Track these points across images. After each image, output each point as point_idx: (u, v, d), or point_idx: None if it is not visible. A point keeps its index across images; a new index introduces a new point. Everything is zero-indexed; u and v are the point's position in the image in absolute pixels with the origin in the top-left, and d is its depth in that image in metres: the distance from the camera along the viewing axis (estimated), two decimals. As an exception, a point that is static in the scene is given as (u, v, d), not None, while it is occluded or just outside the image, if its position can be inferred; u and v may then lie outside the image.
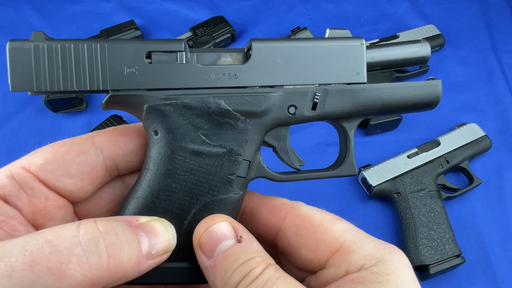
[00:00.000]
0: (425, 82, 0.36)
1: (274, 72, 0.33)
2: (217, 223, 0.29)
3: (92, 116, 1.04)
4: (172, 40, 0.33)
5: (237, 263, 0.27)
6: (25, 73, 0.30)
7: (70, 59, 0.30)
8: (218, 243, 0.29)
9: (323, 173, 0.36)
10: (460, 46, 1.15)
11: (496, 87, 1.07)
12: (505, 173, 0.95)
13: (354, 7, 1.23)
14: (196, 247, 0.30)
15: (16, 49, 0.30)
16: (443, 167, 0.91)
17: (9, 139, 1.01)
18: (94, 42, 0.31)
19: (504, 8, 1.22)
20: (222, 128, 0.33)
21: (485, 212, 0.91)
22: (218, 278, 0.28)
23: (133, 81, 0.31)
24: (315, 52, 0.34)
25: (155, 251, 0.27)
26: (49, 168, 0.30)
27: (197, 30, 1.13)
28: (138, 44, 0.31)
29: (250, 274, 0.27)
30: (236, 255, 0.28)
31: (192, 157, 0.32)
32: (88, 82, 0.31)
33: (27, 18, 1.21)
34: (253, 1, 1.25)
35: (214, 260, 0.28)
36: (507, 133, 1.00)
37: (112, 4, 1.24)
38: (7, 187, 0.29)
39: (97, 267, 0.23)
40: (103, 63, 0.31)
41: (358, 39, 0.36)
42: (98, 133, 0.33)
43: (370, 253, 0.29)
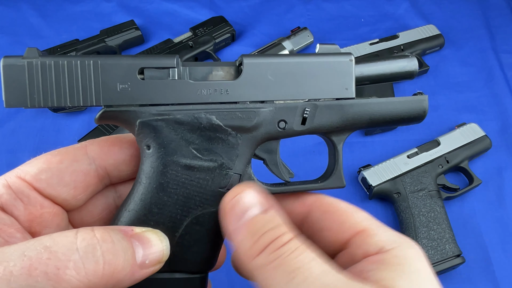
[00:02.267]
0: (412, 98, 0.36)
1: (265, 88, 0.33)
2: (245, 191, 0.30)
3: (92, 116, 1.04)
4: (164, 56, 0.33)
5: (264, 229, 0.28)
6: (19, 89, 0.31)
7: (64, 75, 0.31)
8: (245, 210, 0.29)
9: (312, 185, 0.37)
10: (460, 46, 1.15)
11: (496, 87, 1.07)
12: (505, 173, 0.95)
13: (354, 7, 1.23)
14: (222, 213, 0.30)
15: (10, 66, 0.30)
16: (443, 167, 0.91)
17: (9, 139, 1.01)
18: (87, 59, 0.31)
19: (504, 8, 1.22)
20: (213, 142, 0.33)
21: (485, 212, 0.91)
22: (243, 241, 0.28)
23: (126, 97, 0.32)
24: (305, 68, 0.34)
25: (149, 261, 0.28)
26: (43, 177, 0.31)
27: (197, 30, 1.13)
28: (131, 60, 0.32)
29: (278, 240, 0.27)
30: (263, 221, 0.29)
31: (183, 171, 0.33)
32: (82, 98, 0.31)
33: (27, 18, 1.21)
34: (253, 1, 1.25)
35: (240, 225, 0.29)
36: (507, 133, 1.00)
37: (112, 4, 1.24)
38: (3, 196, 0.30)
39: (93, 273, 0.24)
40: (96, 79, 0.31)
41: (347, 55, 0.36)
42: (91, 142, 0.34)
43: (389, 239, 0.30)
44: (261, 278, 0.28)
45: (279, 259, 0.27)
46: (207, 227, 0.34)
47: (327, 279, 0.26)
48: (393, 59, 0.37)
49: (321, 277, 0.26)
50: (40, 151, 1.14)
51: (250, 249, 0.28)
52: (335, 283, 0.26)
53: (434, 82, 1.09)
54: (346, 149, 0.98)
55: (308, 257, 0.27)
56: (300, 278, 0.26)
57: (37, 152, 0.34)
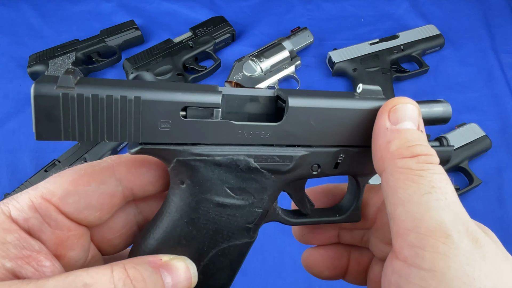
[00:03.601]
0: (442, 148, 0.38)
1: (306, 133, 0.33)
2: (410, 104, 0.32)
3: (92, 116, 1.04)
4: (209, 91, 0.31)
5: (420, 142, 0.30)
6: (52, 121, 0.27)
7: (102, 110, 0.28)
8: (406, 119, 0.31)
9: (331, 219, 0.38)
10: (460, 46, 1.15)
11: (496, 87, 1.07)
12: (505, 173, 0.95)
13: (354, 7, 1.23)
14: (384, 110, 0.31)
15: (42, 96, 0.27)
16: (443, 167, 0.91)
17: (9, 139, 1.01)
18: (129, 93, 0.28)
19: (504, 8, 1.22)
20: (248, 183, 0.33)
21: (485, 212, 0.91)
22: (397, 140, 0.30)
23: (166, 135, 0.30)
24: (347, 114, 0.33)
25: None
26: (71, 201, 0.30)
27: (197, 30, 1.13)
28: (175, 96, 0.29)
29: (429, 157, 0.29)
30: (419, 136, 0.30)
31: (215, 208, 0.33)
32: (120, 134, 0.29)
33: (27, 18, 1.21)
34: (253, 1, 1.25)
35: (397, 127, 0.30)
36: (507, 133, 1.00)
37: (112, 4, 1.24)
38: (31, 220, 0.29)
39: None
40: (137, 116, 0.29)
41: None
42: (118, 162, 0.33)
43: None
44: (397, 178, 0.29)
45: (424, 172, 0.28)
46: (230, 258, 0.34)
47: (459, 209, 0.27)
48: (428, 104, 0.38)
49: (455, 205, 0.27)
50: (40, 151, 1.14)
51: (400, 149, 0.29)
52: (464, 216, 0.27)
53: (434, 82, 1.09)
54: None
55: (449, 185, 0.28)
56: (436, 196, 0.27)
57: (37, 152, 0.34)
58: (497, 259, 0.27)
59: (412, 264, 0.27)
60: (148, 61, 1.06)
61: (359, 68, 1.05)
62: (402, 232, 0.28)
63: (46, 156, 0.98)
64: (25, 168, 0.97)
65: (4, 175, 0.97)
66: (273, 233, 0.81)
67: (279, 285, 0.83)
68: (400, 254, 0.28)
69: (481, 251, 0.27)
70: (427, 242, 0.26)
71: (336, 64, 1.06)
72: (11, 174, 0.97)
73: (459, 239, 0.26)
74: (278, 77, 1.06)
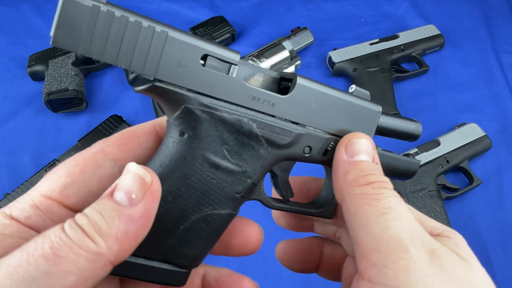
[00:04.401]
0: (409, 160, 0.41)
1: (306, 112, 0.35)
2: (365, 139, 0.35)
3: (92, 116, 1.04)
4: (229, 49, 0.32)
5: (375, 172, 0.33)
6: (74, 30, 0.27)
7: (126, 32, 0.28)
8: (360, 152, 0.34)
9: (307, 210, 0.39)
10: (460, 46, 1.15)
11: (496, 87, 1.07)
12: (505, 173, 0.95)
13: (354, 7, 1.23)
14: (341, 145, 0.35)
15: (72, 2, 0.26)
16: (443, 167, 0.91)
17: (9, 139, 1.01)
18: (157, 25, 0.29)
19: (504, 8, 1.22)
20: (245, 149, 0.33)
21: (485, 212, 0.91)
22: (353, 171, 0.33)
23: (182, 77, 0.30)
24: (343, 105, 0.37)
25: (135, 194, 0.27)
26: (71, 192, 0.30)
27: (197, 30, 1.13)
28: (198, 42, 0.30)
29: (381, 183, 0.32)
30: (372, 166, 0.33)
31: (209, 168, 0.32)
32: (137, 62, 0.29)
33: (27, 18, 1.21)
34: (253, 1, 1.25)
35: (353, 160, 0.33)
36: (507, 133, 1.00)
37: (112, 4, 1.24)
38: (32, 217, 0.28)
39: (85, 246, 0.24)
40: (159, 50, 0.29)
41: (378, 106, 0.39)
42: (106, 143, 0.32)
43: (436, 226, 0.33)
44: (355, 204, 0.31)
45: (379, 195, 0.30)
46: (211, 227, 0.33)
47: (414, 226, 0.29)
48: (402, 119, 0.41)
49: (410, 223, 0.29)
50: (40, 151, 1.14)
51: (356, 178, 0.32)
52: (420, 232, 0.29)
53: (434, 82, 1.09)
54: (346, 149, 0.98)
55: (403, 206, 0.31)
56: (392, 215, 0.29)
57: (37, 152, 0.33)
58: (455, 266, 0.28)
59: (377, 283, 0.28)
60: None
61: (359, 68, 1.05)
62: (365, 253, 0.29)
63: (46, 156, 0.98)
64: (25, 168, 0.97)
65: (4, 175, 0.97)
66: (273, 233, 0.81)
67: (279, 285, 0.83)
68: (365, 274, 0.29)
69: (439, 261, 0.28)
70: (388, 260, 0.28)
71: (336, 64, 1.06)
72: (11, 174, 0.97)
73: (417, 253, 0.28)
74: (278, 77, 1.06)
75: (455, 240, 0.31)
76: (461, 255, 0.30)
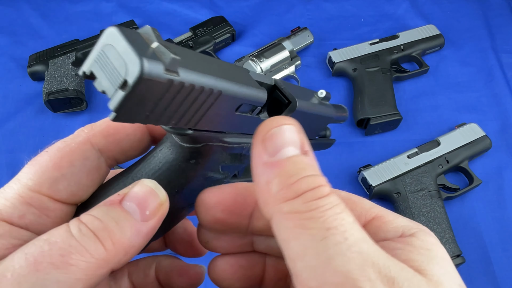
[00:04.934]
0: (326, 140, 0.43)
1: None
2: (288, 124, 0.25)
3: (92, 116, 1.04)
4: (259, 87, 0.30)
5: (305, 173, 0.24)
6: (137, 106, 0.23)
7: (186, 97, 0.25)
8: (284, 145, 0.25)
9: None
10: (460, 46, 1.15)
11: (496, 87, 1.07)
12: (505, 173, 0.95)
13: (354, 7, 1.23)
14: (257, 141, 0.26)
15: (149, 80, 0.21)
16: (443, 167, 0.91)
17: (9, 139, 1.01)
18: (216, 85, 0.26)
19: (504, 8, 1.22)
20: (235, 162, 0.34)
21: (485, 212, 0.91)
22: (278, 178, 0.24)
23: (215, 124, 0.29)
24: (319, 119, 0.38)
25: (149, 211, 0.26)
26: (62, 187, 0.28)
27: (197, 30, 1.13)
28: (240, 92, 0.28)
29: (319, 189, 0.24)
30: (303, 165, 0.24)
31: (204, 181, 0.33)
32: (186, 119, 0.26)
33: (27, 18, 1.21)
34: (253, 1, 1.25)
35: (276, 160, 0.25)
36: (507, 133, 1.00)
37: (112, 4, 1.24)
38: (27, 215, 0.27)
39: (95, 250, 0.24)
40: (206, 106, 0.27)
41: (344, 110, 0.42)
42: (94, 134, 0.30)
43: (408, 225, 0.27)
44: (286, 227, 0.23)
45: (314, 212, 0.23)
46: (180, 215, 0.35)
47: (364, 248, 0.22)
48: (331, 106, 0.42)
49: (358, 244, 0.22)
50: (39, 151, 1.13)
51: (282, 190, 0.24)
52: (372, 254, 0.22)
53: (434, 82, 1.09)
54: (346, 149, 0.98)
55: (346, 219, 0.23)
56: (334, 239, 0.22)
57: (37, 152, 0.33)
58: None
59: None
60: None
61: (359, 68, 1.05)
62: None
63: (46, 156, 0.98)
64: (25, 168, 0.97)
65: (4, 175, 0.97)
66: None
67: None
68: None
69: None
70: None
71: (336, 64, 1.06)
72: (11, 174, 0.96)
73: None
74: (278, 77, 1.06)
75: (431, 245, 0.25)
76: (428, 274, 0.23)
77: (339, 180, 0.95)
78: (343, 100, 1.06)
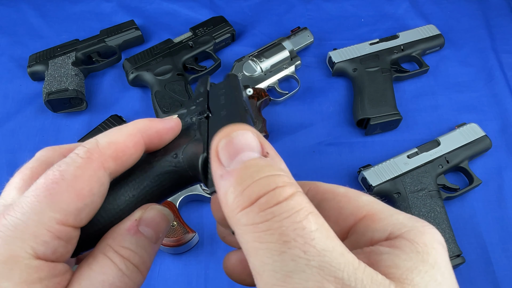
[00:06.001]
0: None
1: None
2: (241, 130, 0.24)
3: (92, 116, 1.04)
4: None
5: (259, 175, 0.22)
6: None
7: None
8: (239, 152, 0.23)
9: None
10: (460, 46, 1.15)
11: (496, 87, 1.07)
12: (505, 173, 0.95)
13: (354, 7, 1.23)
14: (212, 155, 0.24)
15: None
16: (443, 167, 0.91)
17: (9, 139, 1.01)
18: None
19: (504, 8, 1.22)
20: None
21: (485, 212, 0.91)
22: (231, 187, 0.22)
23: None
24: None
25: (162, 234, 0.30)
26: (83, 216, 0.28)
27: (197, 30, 1.13)
28: None
29: (275, 192, 0.21)
30: (259, 166, 0.22)
31: None
32: None
33: (27, 18, 1.21)
34: (253, 1, 1.25)
35: (230, 168, 0.23)
36: (507, 133, 1.00)
37: (112, 4, 1.24)
38: (59, 249, 0.27)
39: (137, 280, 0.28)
40: None
41: None
42: (105, 159, 0.30)
43: (400, 222, 0.25)
44: (247, 241, 0.21)
45: (271, 222, 0.20)
46: None
47: (326, 261, 0.20)
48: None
49: (319, 257, 0.20)
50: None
51: (235, 199, 0.21)
52: (336, 267, 0.20)
53: (434, 82, 1.09)
54: (346, 149, 0.98)
55: (308, 227, 0.20)
56: (291, 253, 0.20)
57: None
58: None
59: None
60: (148, 61, 1.06)
61: (359, 68, 1.05)
62: None
63: (46, 156, 0.98)
64: (25, 168, 0.97)
65: (4, 175, 0.97)
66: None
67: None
68: None
69: None
70: None
71: (336, 64, 1.06)
72: (11, 174, 0.96)
73: None
74: (278, 77, 1.06)
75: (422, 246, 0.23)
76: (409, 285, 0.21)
77: (339, 180, 0.94)
78: (343, 100, 1.06)
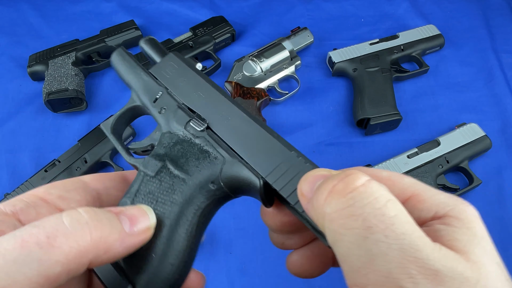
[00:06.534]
0: None
1: None
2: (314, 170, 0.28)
3: (92, 116, 1.04)
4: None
5: (331, 172, 0.27)
6: None
7: None
8: (316, 181, 0.27)
9: None
10: (460, 46, 1.15)
11: (496, 87, 1.07)
12: (505, 173, 0.95)
13: (354, 7, 1.23)
14: (299, 196, 0.28)
15: None
16: (443, 167, 0.91)
17: (9, 139, 1.01)
18: None
19: (504, 8, 1.22)
20: None
21: (485, 212, 0.90)
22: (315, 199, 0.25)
23: None
24: None
25: (137, 229, 0.29)
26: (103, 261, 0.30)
27: (197, 30, 1.13)
28: None
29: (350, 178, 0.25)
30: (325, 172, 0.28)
31: None
32: None
33: (27, 18, 1.21)
34: (253, 1, 1.25)
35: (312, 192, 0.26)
36: (507, 133, 1.00)
37: (112, 4, 1.24)
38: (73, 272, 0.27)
39: (81, 237, 0.25)
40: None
41: None
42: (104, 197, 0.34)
43: (443, 202, 0.27)
44: (331, 231, 0.23)
45: (353, 207, 0.23)
46: None
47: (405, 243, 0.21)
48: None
49: (399, 240, 0.21)
50: (40, 151, 1.14)
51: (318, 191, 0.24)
52: (415, 248, 0.21)
53: (434, 82, 1.09)
54: (346, 149, 0.98)
55: (387, 214, 0.22)
56: (374, 238, 0.22)
57: (37, 152, 0.34)
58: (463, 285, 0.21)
59: None
60: (148, 61, 1.06)
61: (359, 68, 1.05)
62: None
63: (46, 156, 0.98)
64: (25, 168, 0.97)
65: (4, 175, 0.97)
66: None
67: (280, 285, 0.83)
68: None
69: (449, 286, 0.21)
70: None
71: (336, 64, 1.06)
72: (11, 174, 0.97)
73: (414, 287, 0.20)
74: (278, 77, 1.06)
75: (469, 222, 0.26)
76: (471, 256, 0.23)
77: (339, 180, 0.94)
78: (343, 100, 1.06)
